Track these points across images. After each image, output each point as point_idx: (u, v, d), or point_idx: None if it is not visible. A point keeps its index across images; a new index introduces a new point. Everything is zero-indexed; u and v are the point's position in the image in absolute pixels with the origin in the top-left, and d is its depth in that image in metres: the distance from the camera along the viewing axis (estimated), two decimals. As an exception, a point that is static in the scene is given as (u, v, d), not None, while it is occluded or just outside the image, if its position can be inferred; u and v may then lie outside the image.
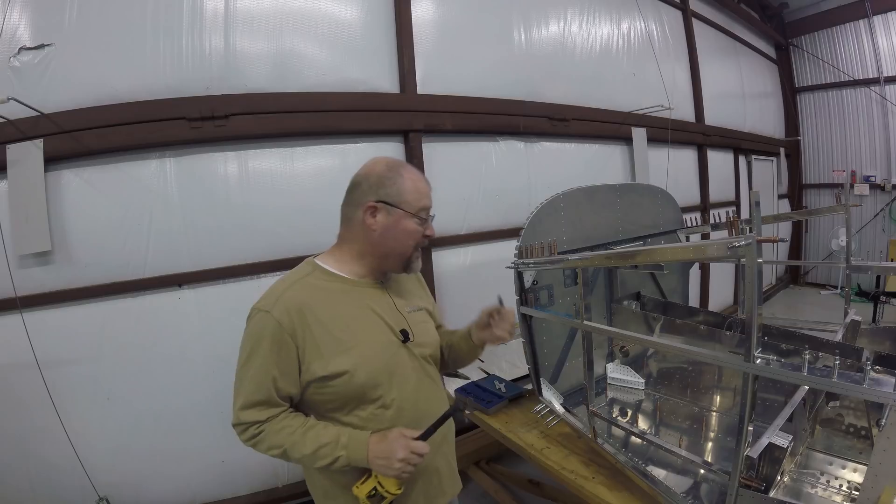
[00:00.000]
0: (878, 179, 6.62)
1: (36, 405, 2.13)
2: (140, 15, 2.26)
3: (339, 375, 1.03)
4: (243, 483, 2.53)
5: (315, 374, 1.03)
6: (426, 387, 1.19)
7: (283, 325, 1.02)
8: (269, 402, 1.05)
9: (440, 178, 3.07)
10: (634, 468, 1.37)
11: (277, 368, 1.03)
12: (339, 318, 1.07)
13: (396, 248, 1.12)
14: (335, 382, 1.04)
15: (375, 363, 1.07)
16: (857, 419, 1.46)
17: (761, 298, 0.95)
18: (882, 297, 4.92)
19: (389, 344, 1.12)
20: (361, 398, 1.07)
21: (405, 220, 1.10)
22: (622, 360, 2.18)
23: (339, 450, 1.02)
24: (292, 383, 1.05)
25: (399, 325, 1.14)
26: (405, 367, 1.13)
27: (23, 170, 2.06)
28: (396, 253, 1.13)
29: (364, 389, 1.06)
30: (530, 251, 1.71)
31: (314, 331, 1.03)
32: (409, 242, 1.12)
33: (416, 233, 1.12)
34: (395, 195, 1.09)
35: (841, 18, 6.64)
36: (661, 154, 4.56)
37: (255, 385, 1.04)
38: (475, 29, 3.29)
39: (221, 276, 2.44)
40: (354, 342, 1.06)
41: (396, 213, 1.09)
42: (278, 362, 1.03)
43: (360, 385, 1.05)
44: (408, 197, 1.10)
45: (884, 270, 3.62)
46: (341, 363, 1.03)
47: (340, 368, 1.03)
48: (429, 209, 1.14)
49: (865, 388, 0.86)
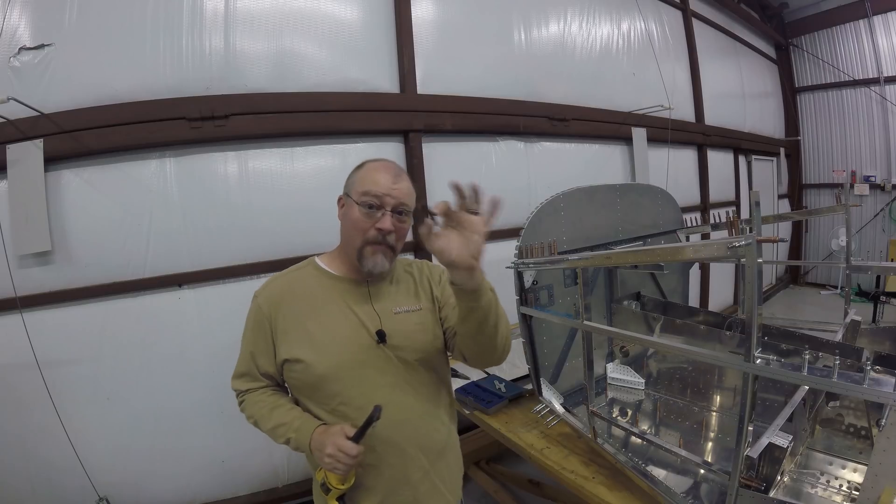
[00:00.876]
0: (878, 179, 6.62)
1: (36, 405, 2.13)
2: (140, 15, 2.26)
3: (298, 362, 1.08)
4: (243, 483, 2.54)
5: (281, 356, 1.11)
6: (401, 391, 1.12)
7: (262, 308, 1.13)
8: (249, 374, 1.18)
9: (440, 178, 3.07)
10: (634, 468, 1.37)
11: (255, 346, 1.15)
12: (313, 310, 1.12)
13: (347, 238, 1.12)
14: (295, 367, 1.09)
15: (337, 358, 1.08)
16: (857, 419, 1.46)
17: (761, 298, 0.95)
18: (882, 297, 4.92)
19: (359, 342, 1.09)
20: (321, 390, 1.10)
21: (351, 208, 1.09)
22: (622, 360, 2.18)
23: (290, 431, 1.09)
24: (269, 362, 1.14)
25: (376, 326, 1.11)
26: (373, 369, 1.09)
27: (23, 170, 2.06)
28: (348, 244, 1.11)
29: (323, 382, 1.08)
30: (530, 251, 1.71)
31: (287, 318, 1.11)
32: (354, 233, 1.08)
33: (360, 222, 1.06)
34: (350, 185, 1.12)
35: (841, 18, 6.64)
36: (661, 154, 4.56)
37: (242, 358, 1.19)
38: (475, 29, 3.29)
39: (221, 276, 2.44)
40: (321, 335, 1.09)
41: (348, 201, 1.11)
42: (255, 340, 1.15)
43: (318, 376, 1.08)
44: (356, 185, 1.09)
45: (884, 270, 3.62)
46: (301, 352, 1.08)
47: (300, 356, 1.08)
48: (377, 195, 1.06)
49: (865, 388, 0.86)
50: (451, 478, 1.23)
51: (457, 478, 1.27)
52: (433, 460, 1.17)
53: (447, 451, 1.22)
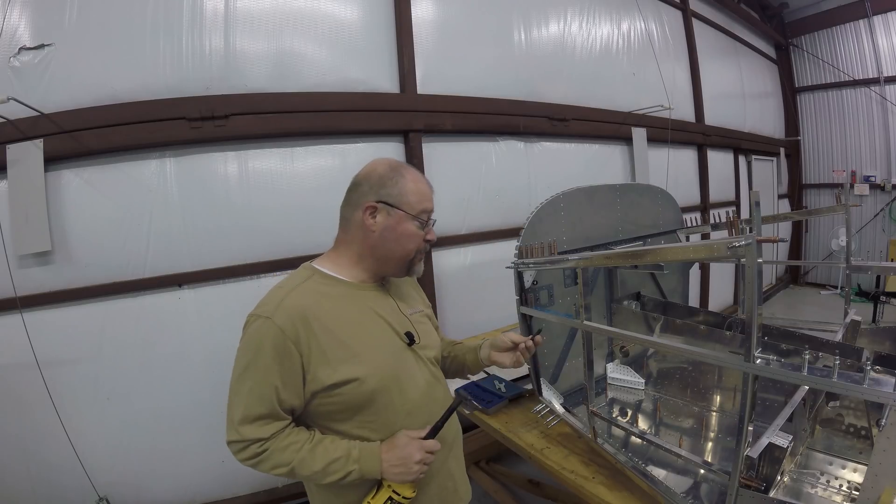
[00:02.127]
0: (878, 179, 6.62)
1: (36, 405, 2.13)
2: (140, 15, 2.26)
3: (349, 382, 0.99)
4: (243, 483, 2.54)
5: (322, 382, 0.98)
6: (434, 389, 1.17)
7: (286, 332, 0.96)
8: (272, 415, 0.97)
9: (440, 178, 3.07)
10: (634, 468, 1.37)
11: (280, 379, 0.96)
12: (344, 323, 1.03)
13: (397, 250, 1.09)
14: (343, 390, 0.99)
15: (384, 368, 1.04)
16: (857, 419, 1.46)
17: (761, 298, 0.95)
18: (882, 297, 4.92)
19: (395, 347, 1.09)
20: (371, 405, 1.03)
21: (406, 223, 1.07)
22: (622, 360, 2.18)
23: (350, 464, 0.98)
24: (295, 394, 0.98)
25: (403, 328, 1.12)
26: (413, 370, 1.11)
27: (23, 170, 2.06)
28: (397, 256, 1.10)
29: (374, 396, 1.02)
30: (530, 251, 1.71)
31: (319, 337, 0.98)
32: (410, 246, 1.09)
33: (417, 236, 1.09)
34: (397, 196, 1.06)
35: (841, 18, 6.64)
36: (661, 154, 4.57)
37: (256, 397, 0.96)
38: (475, 29, 3.29)
39: (221, 276, 2.44)
40: (361, 347, 1.03)
41: (397, 214, 1.06)
42: (281, 372, 0.96)
43: (370, 391, 1.01)
44: (410, 198, 1.07)
45: (884, 270, 3.61)
46: (350, 370, 0.99)
47: (350, 376, 0.99)
48: (430, 212, 1.12)
49: (865, 388, 0.86)
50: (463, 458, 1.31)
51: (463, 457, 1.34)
52: (458, 444, 1.26)
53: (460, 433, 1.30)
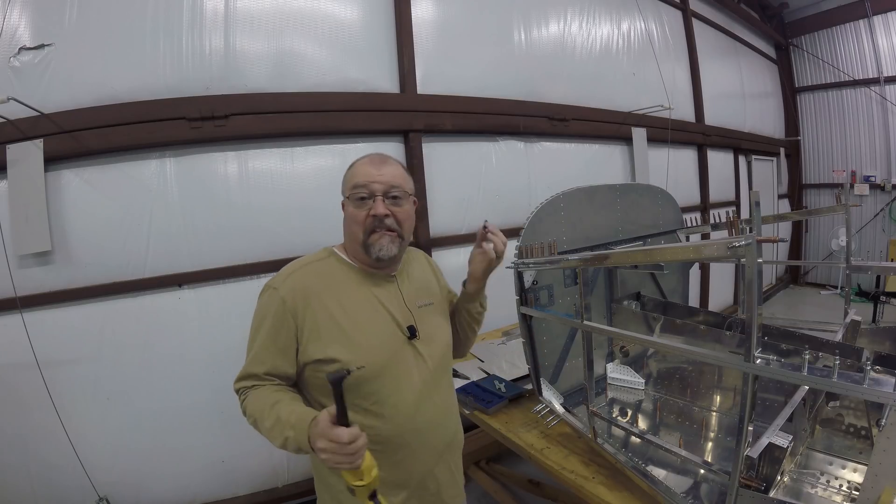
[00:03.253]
0: (878, 179, 6.62)
1: (36, 405, 2.13)
2: (140, 15, 2.26)
3: (333, 362, 1.02)
4: (243, 483, 2.54)
5: (311, 356, 1.03)
6: (430, 388, 1.14)
7: (287, 302, 1.04)
8: (261, 375, 1.06)
9: (440, 178, 3.08)
10: (634, 468, 1.37)
11: (275, 345, 1.04)
12: (345, 305, 1.06)
13: (350, 235, 1.13)
14: (328, 369, 1.01)
15: (374, 357, 1.05)
16: (857, 419, 1.46)
17: (761, 298, 0.95)
18: (882, 297, 4.92)
19: (393, 338, 1.10)
20: (355, 391, 1.03)
21: (348, 207, 1.12)
22: (622, 360, 2.18)
23: (287, 429, 0.93)
24: (289, 362, 1.06)
25: (406, 321, 1.12)
26: (407, 365, 1.10)
27: (23, 170, 2.06)
28: (353, 241, 1.12)
29: (359, 382, 1.02)
30: (530, 251, 1.71)
31: (317, 313, 1.04)
32: (354, 228, 1.10)
33: (356, 215, 1.09)
34: (344, 186, 1.14)
35: (841, 18, 6.64)
36: (661, 154, 4.56)
37: (254, 357, 1.06)
38: (475, 29, 3.29)
39: (221, 276, 2.44)
40: (356, 332, 1.05)
41: (345, 202, 1.13)
42: (276, 339, 1.04)
43: (354, 377, 1.00)
44: (346, 183, 1.13)
45: (884, 270, 3.62)
46: (338, 351, 1.03)
47: (335, 356, 1.02)
48: (363, 185, 1.08)
49: (865, 388, 0.86)
50: (459, 465, 1.29)
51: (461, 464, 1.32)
52: (452, 450, 1.23)
53: (458, 440, 1.28)
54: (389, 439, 1.08)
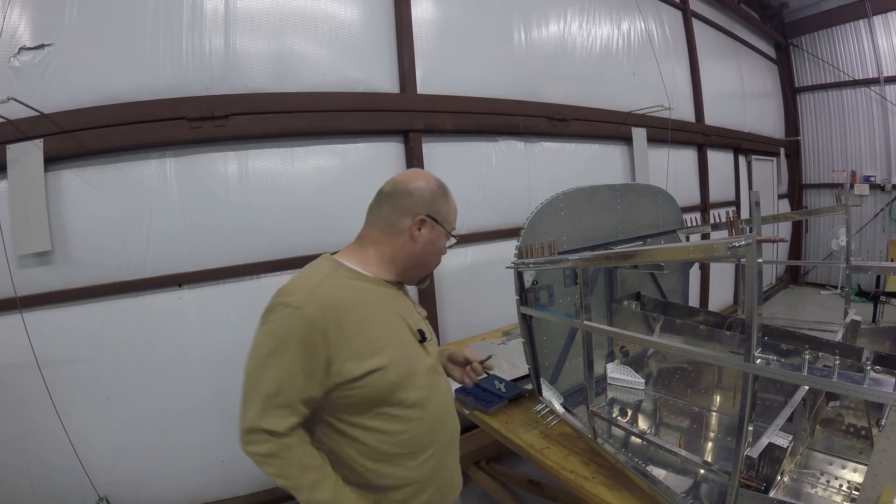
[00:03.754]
0: (878, 179, 6.62)
1: (36, 405, 2.13)
2: (140, 15, 2.26)
3: (373, 372, 1.01)
4: (243, 483, 2.53)
5: (348, 374, 0.98)
6: (442, 384, 1.23)
7: (316, 323, 0.95)
8: (290, 405, 0.98)
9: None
10: (634, 468, 1.37)
11: (304, 370, 0.96)
12: (372, 316, 1.05)
13: (429, 262, 1.21)
14: (367, 381, 1.00)
15: (404, 363, 1.08)
16: (857, 419, 1.46)
17: (761, 298, 0.95)
18: (882, 297, 4.92)
19: (412, 343, 1.14)
20: (389, 399, 1.04)
21: (441, 239, 1.19)
22: (622, 360, 2.18)
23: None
24: (317, 384, 0.98)
25: (416, 326, 1.18)
26: (425, 366, 1.16)
27: (23, 170, 2.06)
28: (426, 266, 1.21)
29: (393, 388, 1.04)
30: (530, 251, 1.71)
31: (348, 329, 0.99)
32: (435, 260, 1.22)
33: (443, 250, 1.22)
34: (444, 213, 1.18)
35: (841, 18, 6.64)
36: (661, 154, 4.56)
37: (276, 387, 0.96)
38: (475, 29, 3.29)
39: (221, 276, 2.44)
40: (386, 341, 1.06)
41: (439, 230, 1.17)
42: (304, 364, 0.96)
43: (391, 384, 1.03)
44: (451, 217, 1.21)
45: (884, 270, 3.62)
46: (374, 361, 1.01)
47: (374, 365, 1.01)
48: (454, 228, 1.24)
49: (865, 388, 0.86)
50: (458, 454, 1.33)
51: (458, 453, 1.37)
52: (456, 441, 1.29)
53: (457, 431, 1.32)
54: (418, 440, 1.11)
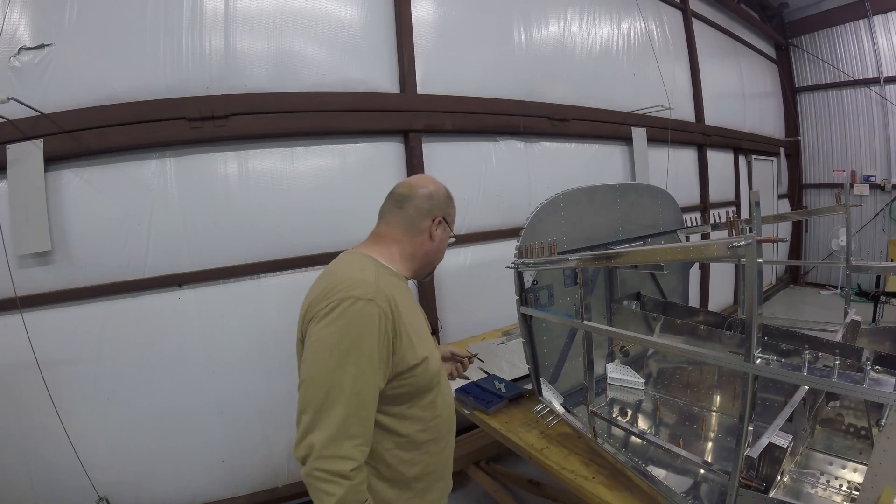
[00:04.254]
0: (878, 179, 6.62)
1: (36, 405, 2.13)
2: (140, 15, 2.26)
3: (424, 361, 1.07)
4: (243, 483, 2.53)
5: (408, 363, 1.02)
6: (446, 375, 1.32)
7: (387, 314, 0.98)
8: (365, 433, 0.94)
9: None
10: (634, 468, 1.37)
11: (380, 364, 0.96)
12: (414, 310, 1.17)
13: (438, 258, 1.32)
14: (418, 370, 1.05)
15: (437, 352, 1.19)
16: (857, 419, 1.46)
17: (761, 298, 0.95)
18: (882, 297, 4.92)
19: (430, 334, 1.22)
20: (429, 387, 1.11)
21: (447, 239, 1.32)
22: (622, 360, 2.18)
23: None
24: (384, 376, 0.98)
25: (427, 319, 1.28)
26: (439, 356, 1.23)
27: (23, 170, 2.06)
28: (435, 262, 1.32)
29: (432, 376, 1.11)
30: (530, 251, 1.71)
31: (404, 319, 1.05)
32: (440, 255, 1.33)
33: (445, 248, 1.33)
34: (452, 216, 1.32)
35: (841, 18, 6.64)
36: (661, 154, 4.56)
37: (358, 401, 0.92)
38: (475, 29, 3.29)
39: (221, 276, 2.44)
40: (424, 333, 1.16)
41: (447, 230, 1.30)
42: (380, 356, 0.96)
43: (434, 371, 1.11)
44: (450, 213, 1.32)
45: (884, 270, 3.62)
46: (423, 351, 1.09)
47: (424, 354, 1.08)
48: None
49: (865, 388, 0.86)
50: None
51: None
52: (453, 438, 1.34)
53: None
54: (443, 423, 1.17)
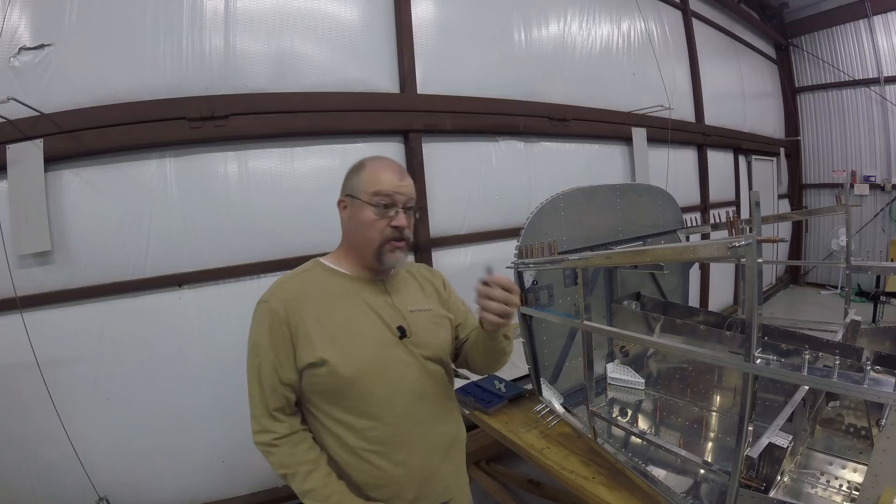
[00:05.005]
0: (878, 179, 6.62)
1: (36, 405, 2.13)
2: (140, 15, 2.26)
3: (323, 364, 1.04)
4: (243, 483, 2.53)
5: (304, 360, 1.05)
6: (425, 386, 1.15)
7: (278, 312, 1.06)
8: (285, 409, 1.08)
9: (440, 179, 3.08)
10: (634, 468, 1.37)
11: (276, 355, 1.05)
12: (331, 310, 1.09)
13: (361, 240, 1.12)
14: (320, 372, 1.05)
15: (361, 358, 1.07)
16: (857, 419, 1.46)
17: (761, 298, 0.95)
18: (882, 297, 4.92)
19: (383, 340, 1.11)
20: (348, 394, 1.06)
21: (362, 210, 1.10)
22: (622, 360, 2.18)
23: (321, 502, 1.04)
24: (291, 370, 1.06)
25: (395, 322, 1.13)
26: (399, 365, 1.11)
27: (23, 170, 2.06)
28: (363, 245, 1.13)
29: (351, 384, 1.05)
30: (530, 251, 1.71)
31: (305, 319, 1.06)
32: (371, 234, 1.10)
33: (375, 222, 1.10)
34: (355, 186, 1.13)
35: (841, 18, 6.64)
36: (661, 154, 4.57)
37: (269, 388, 1.06)
38: (475, 29, 3.29)
39: (221, 276, 2.44)
40: (343, 336, 1.07)
41: (355, 203, 1.12)
42: (276, 348, 1.05)
43: (345, 379, 1.05)
44: (363, 186, 1.11)
45: (884, 270, 3.62)
46: (325, 353, 1.05)
47: (324, 357, 1.04)
48: (388, 195, 1.10)
49: (865, 388, 0.86)
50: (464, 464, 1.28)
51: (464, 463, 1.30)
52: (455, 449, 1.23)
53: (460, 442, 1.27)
54: (389, 439, 1.09)
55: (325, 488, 1.04)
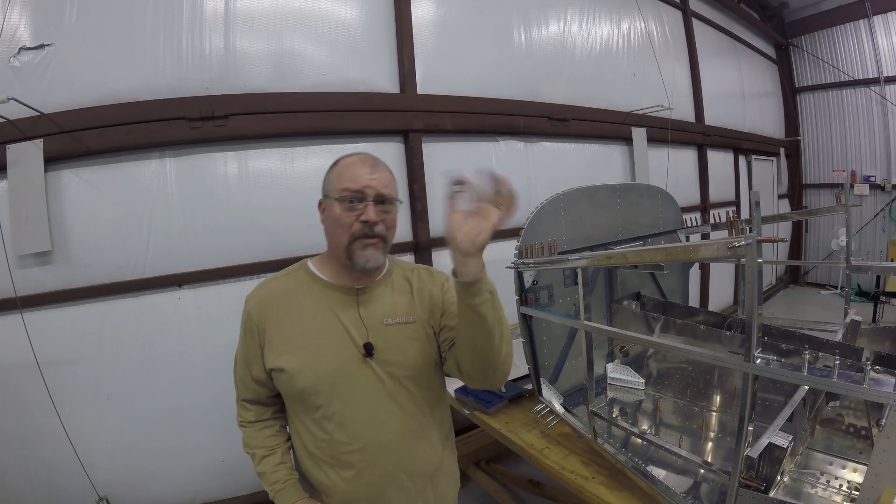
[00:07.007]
0: (878, 179, 6.62)
1: (36, 405, 2.13)
2: (140, 15, 2.26)
3: (282, 371, 1.06)
4: (243, 483, 2.53)
5: (267, 364, 1.09)
6: (385, 409, 1.07)
7: (252, 313, 1.11)
8: (255, 400, 1.18)
9: (440, 178, 3.07)
10: (634, 468, 1.37)
11: (247, 355, 1.13)
12: (299, 319, 1.08)
13: (334, 239, 1.07)
14: (281, 377, 1.07)
15: (319, 370, 1.04)
16: (857, 419, 1.46)
17: (761, 298, 0.95)
18: (882, 297, 4.92)
19: (343, 355, 1.05)
20: (304, 401, 1.07)
21: (332, 208, 1.06)
22: (622, 360, 2.18)
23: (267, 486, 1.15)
24: (260, 370, 1.11)
25: (363, 338, 1.06)
26: (359, 382, 1.05)
27: (23, 170, 2.06)
28: (336, 245, 1.07)
29: (305, 394, 1.05)
30: (530, 251, 1.71)
31: (273, 325, 1.09)
32: (339, 230, 1.04)
33: (343, 217, 1.03)
34: (327, 186, 1.11)
35: (841, 18, 6.64)
36: (661, 154, 4.56)
37: (241, 379, 1.17)
38: (475, 29, 3.29)
39: (221, 276, 2.44)
40: (305, 345, 1.06)
41: (328, 202, 1.09)
42: (248, 348, 1.13)
43: (300, 388, 1.05)
44: (333, 183, 1.08)
45: (884, 270, 3.62)
46: (284, 361, 1.06)
47: (282, 366, 1.05)
48: (356, 190, 1.03)
49: (865, 388, 0.86)
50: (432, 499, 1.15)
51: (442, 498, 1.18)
52: (420, 485, 1.12)
53: (437, 475, 1.16)
54: (338, 455, 1.07)
55: (274, 475, 1.13)
